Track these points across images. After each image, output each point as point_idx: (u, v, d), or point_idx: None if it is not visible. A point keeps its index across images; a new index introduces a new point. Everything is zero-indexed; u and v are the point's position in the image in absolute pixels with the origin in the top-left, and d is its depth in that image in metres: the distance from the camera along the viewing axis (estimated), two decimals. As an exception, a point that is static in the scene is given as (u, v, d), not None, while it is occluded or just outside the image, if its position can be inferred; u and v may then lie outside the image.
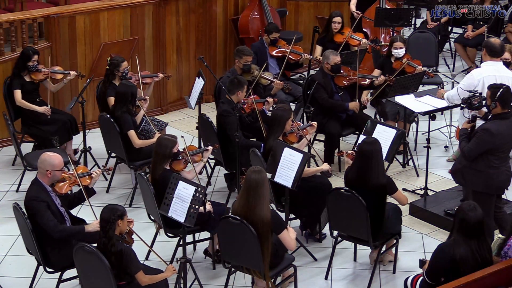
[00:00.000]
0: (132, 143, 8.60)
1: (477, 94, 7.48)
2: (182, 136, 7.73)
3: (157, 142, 7.47)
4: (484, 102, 7.37)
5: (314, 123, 8.39)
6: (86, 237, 6.74)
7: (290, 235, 6.66)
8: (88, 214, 7.50)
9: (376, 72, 10.02)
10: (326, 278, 7.51)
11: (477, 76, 8.04)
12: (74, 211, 7.29)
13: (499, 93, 7.14)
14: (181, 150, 7.57)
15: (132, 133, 8.59)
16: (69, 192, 7.22)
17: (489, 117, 7.35)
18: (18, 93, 9.22)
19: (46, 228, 6.72)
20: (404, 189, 8.96)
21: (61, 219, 6.88)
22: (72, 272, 6.82)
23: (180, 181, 6.67)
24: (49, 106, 9.25)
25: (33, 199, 6.77)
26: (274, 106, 9.16)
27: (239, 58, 9.57)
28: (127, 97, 8.62)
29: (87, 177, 7.23)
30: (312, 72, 10.95)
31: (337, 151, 8.36)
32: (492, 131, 7.18)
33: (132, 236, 6.53)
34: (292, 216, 7.96)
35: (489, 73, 8.00)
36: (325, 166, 7.97)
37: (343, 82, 9.47)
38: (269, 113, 9.17)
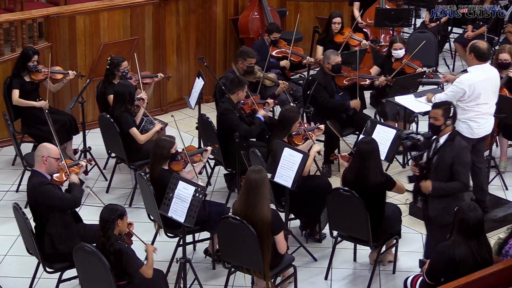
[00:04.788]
0: (136, 140, 8.61)
1: (412, 136, 7.07)
2: (172, 116, 7.72)
3: (155, 143, 7.49)
4: (420, 137, 6.99)
5: (322, 127, 8.35)
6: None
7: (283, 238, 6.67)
8: (88, 214, 7.52)
9: (375, 69, 10.01)
10: (326, 278, 7.51)
11: (466, 82, 7.77)
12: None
13: (452, 110, 6.88)
14: (180, 150, 7.58)
15: (134, 131, 8.60)
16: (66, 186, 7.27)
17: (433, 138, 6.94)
18: (15, 93, 9.22)
19: (64, 203, 6.82)
20: (404, 189, 8.96)
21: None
22: (72, 272, 6.83)
23: (180, 181, 6.67)
24: (47, 99, 9.25)
25: (40, 184, 6.82)
26: (274, 107, 9.19)
27: (243, 60, 9.56)
28: (125, 97, 8.63)
29: (75, 166, 7.36)
30: (312, 72, 10.96)
31: (331, 154, 8.33)
32: (467, 145, 7.03)
33: (132, 238, 6.54)
34: (292, 216, 7.96)
35: (479, 77, 7.79)
36: (316, 147, 7.94)
37: (344, 82, 9.47)
38: (269, 114, 9.19)
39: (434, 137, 6.89)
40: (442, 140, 6.86)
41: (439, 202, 6.88)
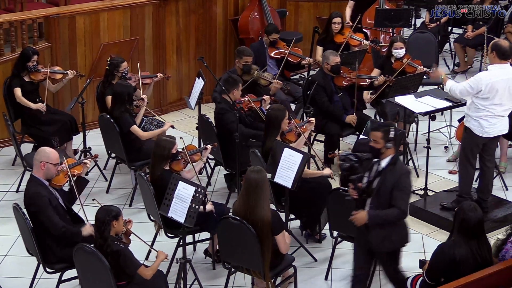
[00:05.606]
0: (136, 141, 8.63)
1: (350, 157, 6.53)
2: (181, 137, 7.74)
3: (156, 143, 7.49)
4: (357, 159, 6.49)
5: (312, 119, 8.40)
6: (84, 239, 6.76)
7: (286, 239, 6.67)
8: (88, 214, 7.48)
9: (376, 71, 10.01)
10: (326, 278, 7.51)
11: (485, 80, 7.73)
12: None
13: (392, 132, 6.35)
14: (180, 150, 7.58)
15: (134, 128, 8.61)
16: (67, 185, 7.25)
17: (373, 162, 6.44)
18: (18, 91, 9.22)
19: (49, 225, 6.72)
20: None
21: (64, 213, 6.91)
22: (72, 272, 6.83)
23: (180, 182, 6.67)
24: (45, 103, 9.24)
25: (34, 196, 6.78)
26: (270, 104, 9.19)
27: (239, 59, 9.57)
28: (123, 97, 8.63)
29: (78, 166, 7.32)
30: (312, 73, 10.95)
31: (329, 153, 8.34)
32: (410, 171, 6.55)
33: (130, 237, 6.54)
34: (292, 216, 7.96)
35: (498, 77, 7.75)
36: (327, 171, 7.95)
37: (343, 82, 9.47)
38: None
39: (375, 159, 6.45)
40: (383, 163, 6.38)
41: (380, 229, 6.41)
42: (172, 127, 8.95)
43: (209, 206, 7.17)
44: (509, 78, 7.80)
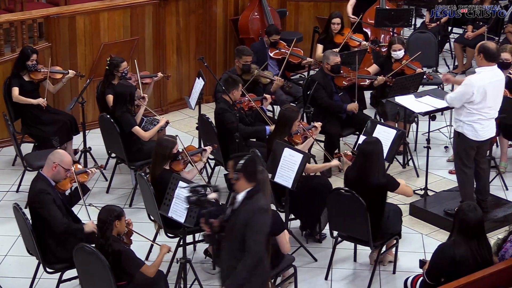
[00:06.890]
0: (136, 141, 8.64)
1: (197, 189, 5.83)
2: (177, 135, 7.77)
3: (157, 143, 7.51)
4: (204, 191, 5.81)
5: (318, 124, 8.38)
6: (85, 237, 6.76)
7: (286, 238, 6.66)
8: (86, 214, 7.50)
9: (374, 67, 9.99)
10: (326, 278, 7.51)
11: (476, 83, 7.67)
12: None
13: (242, 163, 5.68)
14: (180, 150, 7.59)
15: (137, 129, 8.62)
16: (69, 190, 7.25)
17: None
18: (15, 90, 9.22)
19: (53, 221, 6.74)
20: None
21: (66, 214, 6.92)
22: (72, 272, 6.83)
23: (180, 182, 6.67)
24: (45, 98, 9.24)
25: (40, 192, 6.79)
26: (273, 107, 9.17)
27: (238, 58, 9.58)
28: (125, 97, 8.64)
29: (84, 174, 7.33)
30: (312, 72, 10.96)
31: (335, 152, 8.36)
32: (265, 208, 5.73)
33: (132, 237, 6.54)
34: (292, 216, 7.96)
35: (489, 80, 7.70)
36: (335, 162, 7.94)
37: (343, 82, 9.47)
38: (268, 113, 9.18)
39: (235, 192, 5.77)
40: (240, 197, 5.70)
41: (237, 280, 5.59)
42: (167, 122, 8.97)
43: (213, 195, 6.73)
44: (497, 80, 7.78)
